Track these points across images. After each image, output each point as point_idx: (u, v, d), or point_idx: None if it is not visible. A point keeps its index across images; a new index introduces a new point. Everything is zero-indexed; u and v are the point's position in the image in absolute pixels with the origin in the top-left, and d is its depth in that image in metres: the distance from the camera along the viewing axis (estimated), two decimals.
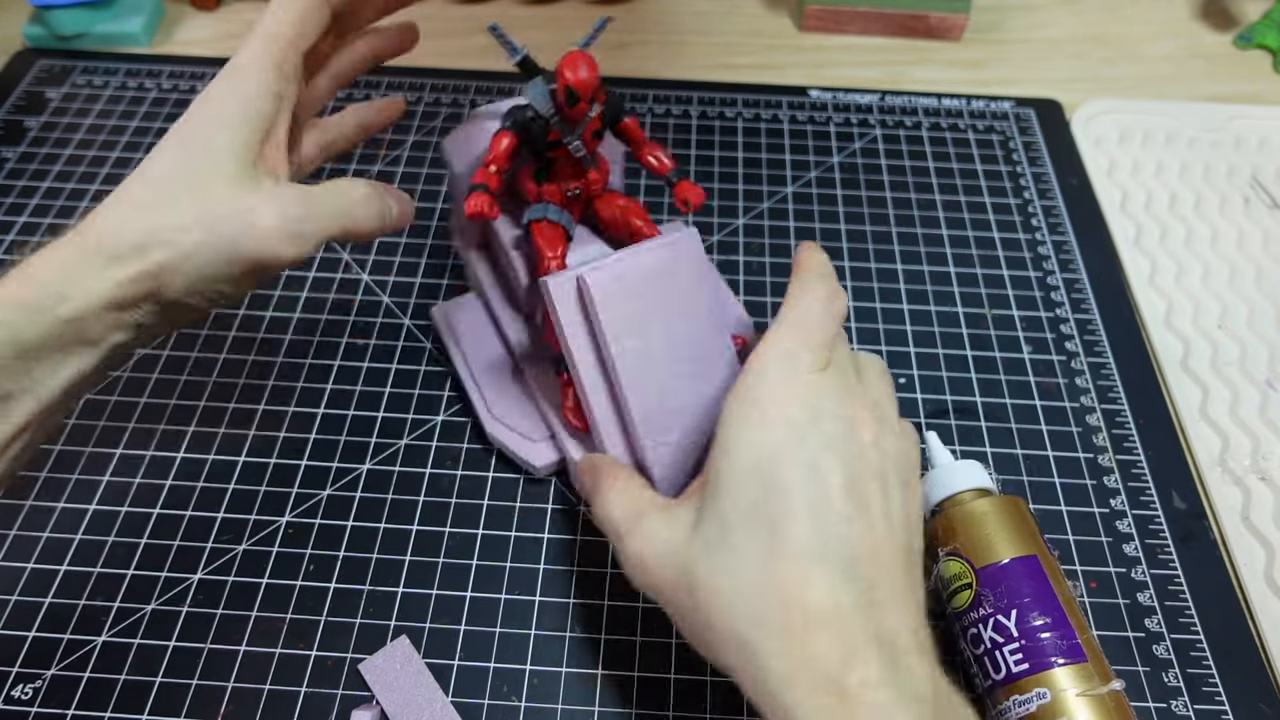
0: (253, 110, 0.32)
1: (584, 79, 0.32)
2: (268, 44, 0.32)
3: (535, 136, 0.35)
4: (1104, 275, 0.49)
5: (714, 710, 0.34)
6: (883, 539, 0.27)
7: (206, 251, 0.30)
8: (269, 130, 0.32)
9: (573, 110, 0.33)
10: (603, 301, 0.32)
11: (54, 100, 0.57)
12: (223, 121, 0.31)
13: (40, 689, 0.34)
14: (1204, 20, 0.66)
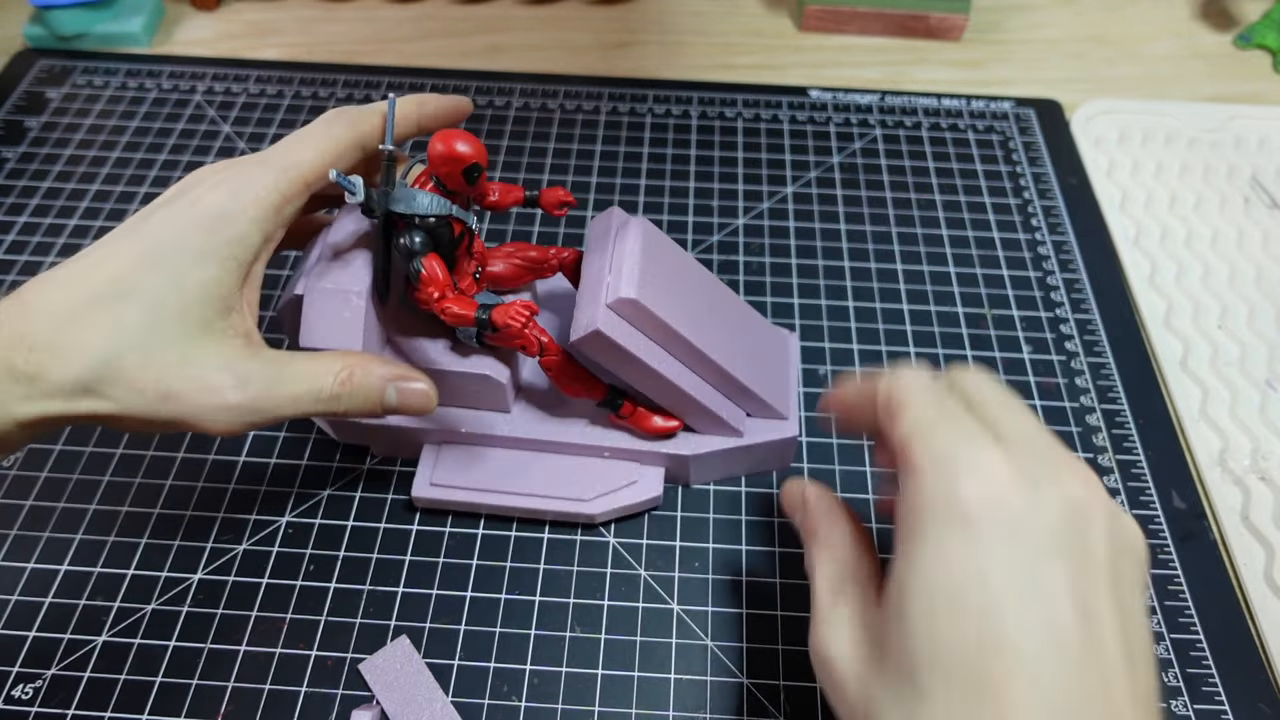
0: (239, 251, 0.29)
1: (477, 149, 0.31)
2: (280, 176, 0.30)
3: (443, 242, 0.33)
4: (1104, 275, 0.49)
5: (714, 710, 0.34)
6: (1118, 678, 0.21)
7: (150, 413, 0.28)
8: (247, 275, 0.30)
9: (473, 186, 0.32)
10: (654, 303, 0.33)
11: (54, 100, 0.57)
12: (201, 254, 0.28)
13: (40, 689, 0.34)
14: (1204, 20, 0.66)
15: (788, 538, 0.39)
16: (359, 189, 0.30)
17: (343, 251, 0.34)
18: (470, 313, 0.32)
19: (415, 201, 0.32)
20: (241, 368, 0.29)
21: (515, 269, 0.38)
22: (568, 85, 0.59)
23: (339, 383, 0.31)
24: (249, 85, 0.58)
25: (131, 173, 0.53)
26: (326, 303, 0.33)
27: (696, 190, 0.53)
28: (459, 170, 0.31)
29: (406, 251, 0.32)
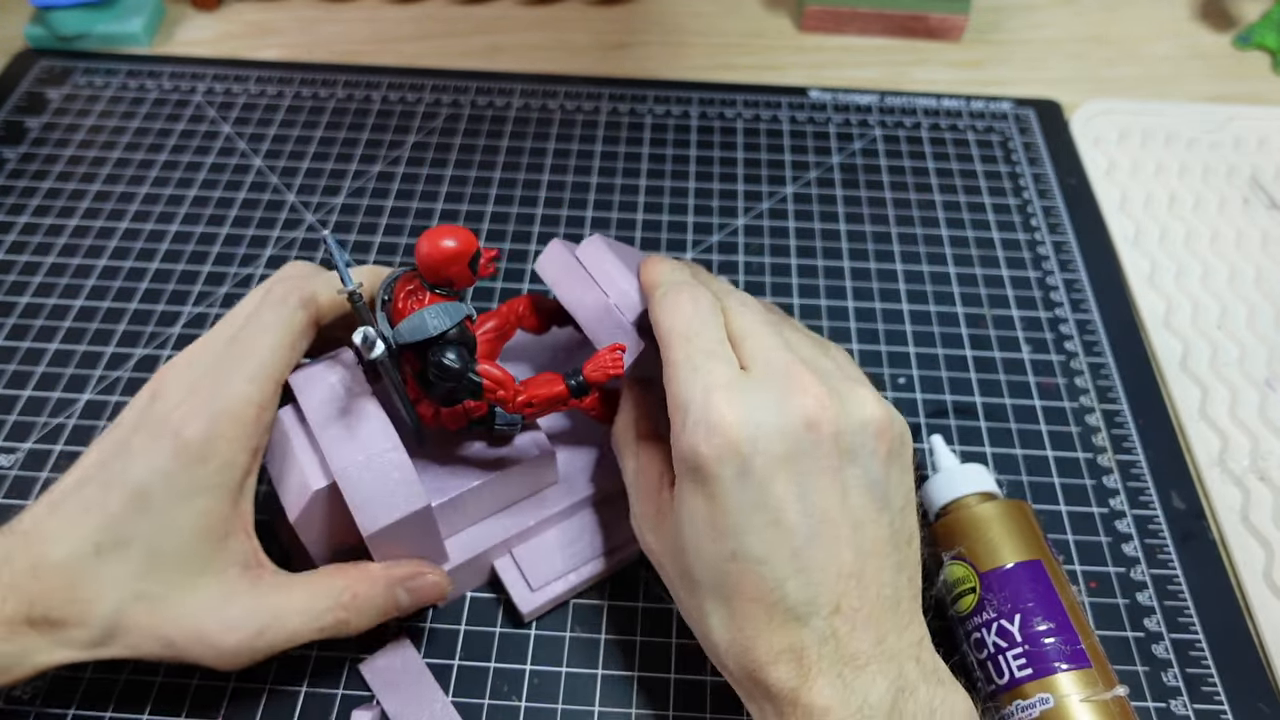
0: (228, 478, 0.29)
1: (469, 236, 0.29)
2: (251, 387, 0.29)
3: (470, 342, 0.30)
4: (1103, 275, 0.49)
5: (714, 710, 0.34)
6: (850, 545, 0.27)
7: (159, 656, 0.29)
8: (239, 494, 0.29)
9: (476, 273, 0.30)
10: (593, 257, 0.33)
11: (55, 101, 0.57)
12: (191, 490, 0.28)
13: (41, 688, 0.34)
14: (1203, 20, 0.66)
15: None
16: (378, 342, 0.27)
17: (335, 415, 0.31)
18: (561, 386, 0.31)
19: (426, 324, 0.28)
20: (235, 611, 0.29)
21: (489, 345, 0.35)
22: (568, 85, 0.59)
23: (340, 606, 0.30)
24: (249, 85, 0.58)
25: (132, 173, 0.53)
26: (364, 478, 0.30)
27: (696, 190, 0.53)
28: (465, 262, 0.29)
29: (455, 375, 0.28)
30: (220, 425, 0.28)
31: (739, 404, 0.27)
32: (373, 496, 0.30)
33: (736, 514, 0.26)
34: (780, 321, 0.31)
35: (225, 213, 0.51)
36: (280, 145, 0.55)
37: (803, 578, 0.26)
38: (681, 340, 0.28)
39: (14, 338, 0.45)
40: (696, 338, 0.28)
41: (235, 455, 0.29)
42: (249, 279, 0.48)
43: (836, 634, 0.26)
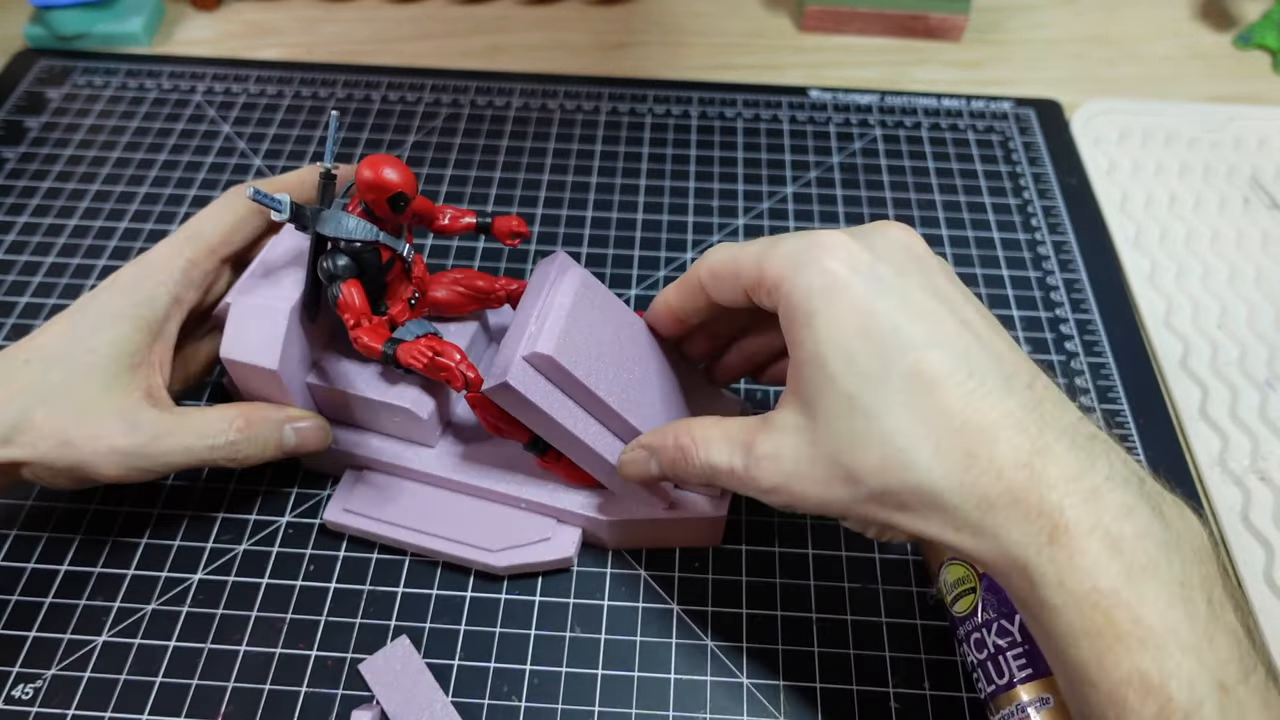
0: (146, 311, 0.33)
1: (404, 178, 0.30)
2: (184, 243, 0.34)
3: (369, 267, 0.32)
4: (1104, 275, 0.49)
5: (714, 710, 0.34)
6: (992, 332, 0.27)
7: (54, 458, 0.31)
8: (157, 333, 0.33)
9: (399, 215, 0.31)
10: (572, 361, 0.31)
11: (54, 100, 0.57)
12: (114, 316, 0.32)
13: (41, 689, 0.34)
14: (1204, 20, 0.66)
15: (788, 537, 0.39)
16: (285, 206, 0.31)
17: (276, 268, 0.34)
18: (378, 345, 0.32)
19: (341, 225, 0.31)
20: (135, 417, 0.32)
21: (459, 296, 0.37)
22: (568, 85, 0.59)
23: (235, 430, 0.33)
24: (249, 85, 0.58)
25: (132, 173, 0.53)
26: (251, 316, 0.33)
27: (696, 190, 0.53)
28: (384, 198, 0.31)
29: (328, 274, 0.32)
30: (148, 268, 0.33)
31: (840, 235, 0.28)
32: (241, 334, 0.33)
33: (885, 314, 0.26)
34: None
35: None
36: (280, 145, 0.55)
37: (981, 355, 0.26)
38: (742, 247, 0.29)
39: (14, 338, 0.45)
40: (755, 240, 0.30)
41: (155, 293, 0.33)
42: None
43: (1042, 404, 0.25)
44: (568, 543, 0.37)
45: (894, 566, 0.38)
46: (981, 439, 0.24)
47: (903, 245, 0.28)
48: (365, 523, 0.37)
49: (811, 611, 0.37)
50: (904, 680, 0.35)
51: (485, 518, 0.37)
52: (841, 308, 0.26)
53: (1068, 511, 0.23)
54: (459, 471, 0.37)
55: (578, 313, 0.33)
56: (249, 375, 0.34)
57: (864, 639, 0.36)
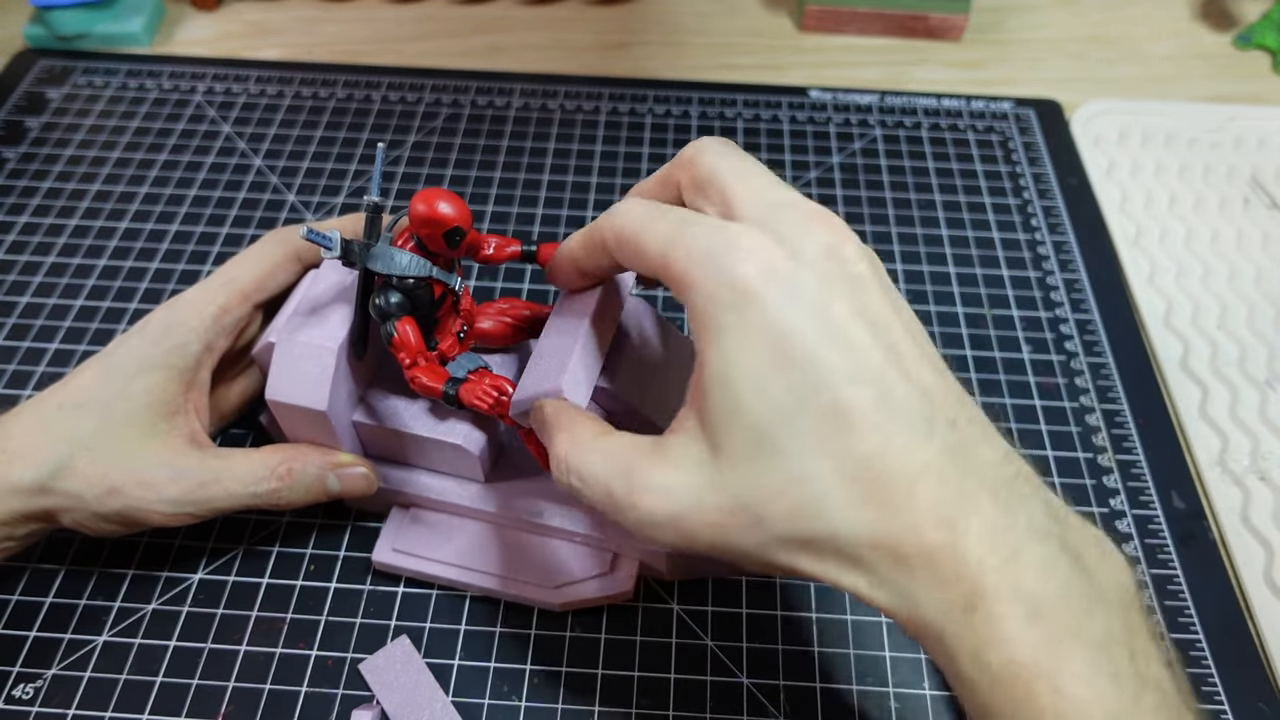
0: (177, 359, 0.33)
1: (460, 212, 0.29)
2: (217, 290, 0.34)
3: (421, 304, 0.31)
4: (1104, 275, 0.49)
5: (714, 710, 0.34)
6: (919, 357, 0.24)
7: (98, 506, 0.32)
8: (190, 381, 0.34)
9: (454, 249, 0.30)
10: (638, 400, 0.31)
11: (55, 101, 0.57)
12: (144, 364, 0.33)
13: (41, 689, 0.34)
14: (1204, 20, 0.66)
15: None
16: (335, 244, 0.29)
17: (321, 305, 0.33)
18: (439, 386, 0.31)
19: (394, 261, 0.30)
20: (180, 464, 0.32)
21: (505, 327, 0.36)
22: (568, 85, 0.59)
23: (277, 478, 0.33)
24: (249, 85, 0.58)
25: (132, 173, 0.53)
26: (297, 356, 0.32)
27: None
28: (439, 233, 0.29)
29: (381, 313, 0.31)
30: (179, 314, 0.33)
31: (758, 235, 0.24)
32: (287, 374, 0.32)
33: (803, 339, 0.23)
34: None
35: (225, 213, 0.51)
36: (280, 145, 0.55)
37: (905, 393, 0.23)
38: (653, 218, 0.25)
39: (14, 338, 0.45)
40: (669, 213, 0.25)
41: (188, 341, 0.33)
42: None
43: (965, 445, 0.23)
44: (626, 577, 0.36)
45: None
46: (900, 491, 0.22)
47: (829, 249, 0.24)
48: (417, 563, 0.36)
49: (812, 611, 0.37)
50: (904, 680, 0.35)
51: (540, 553, 0.36)
52: (755, 326, 0.23)
53: (987, 575, 0.21)
54: (511, 507, 0.36)
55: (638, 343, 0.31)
56: (295, 417, 0.33)
57: (864, 639, 0.36)
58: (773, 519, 0.23)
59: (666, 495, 0.24)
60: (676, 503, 0.24)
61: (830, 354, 0.23)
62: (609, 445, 0.26)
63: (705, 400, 0.24)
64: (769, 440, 0.23)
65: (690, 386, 0.25)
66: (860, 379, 0.23)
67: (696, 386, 0.24)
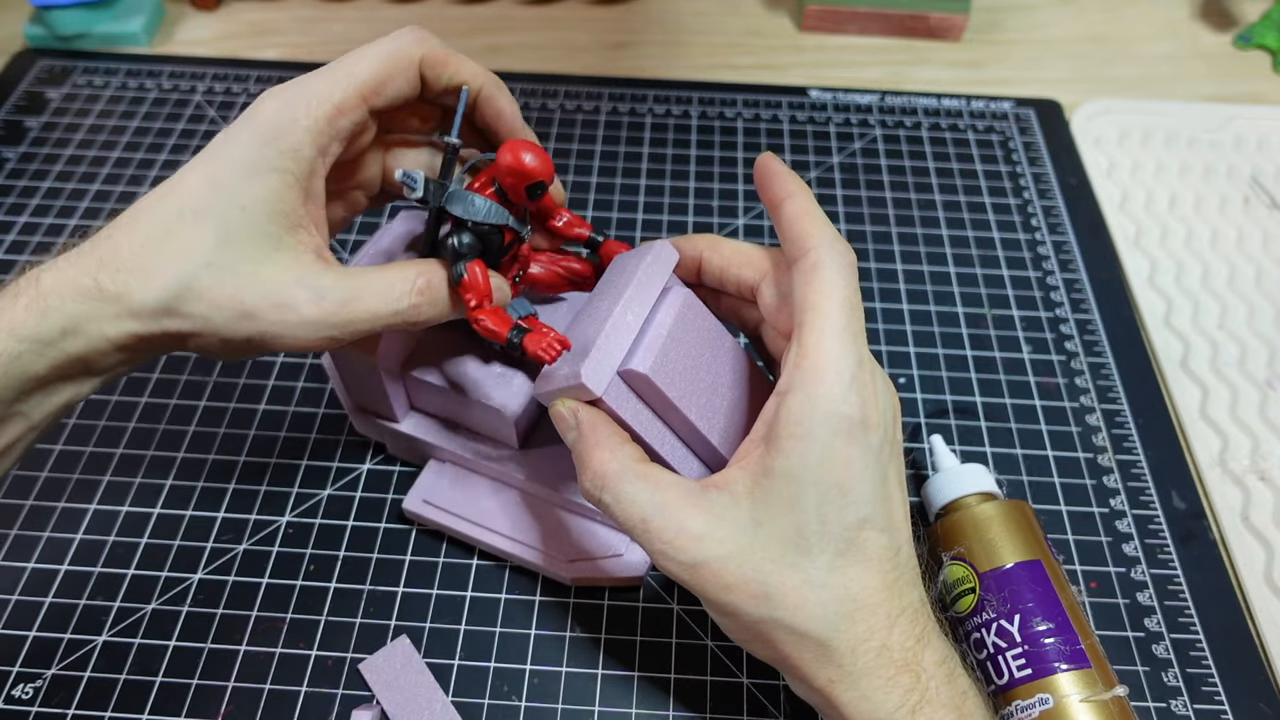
0: (291, 164, 0.29)
1: (545, 166, 0.30)
2: (332, 85, 0.29)
3: (491, 248, 0.32)
4: (1104, 275, 0.49)
5: (714, 710, 0.34)
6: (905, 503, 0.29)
7: (230, 331, 0.28)
8: (307, 191, 0.29)
9: (534, 200, 0.31)
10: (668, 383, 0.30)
11: (54, 100, 0.57)
12: (256, 167, 0.28)
13: (41, 688, 0.34)
14: (1204, 20, 0.66)
15: None
16: (419, 185, 0.30)
17: (391, 255, 0.35)
18: (504, 331, 0.31)
19: (473, 206, 0.31)
20: (316, 282, 0.29)
21: (554, 276, 0.36)
22: (568, 85, 0.59)
23: (416, 291, 0.30)
24: (249, 85, 0.58)
25: (132, 173, 0.53)
26: None
27: (696, 190, 0.53)
28: (524, 185, 0.30)
29: (453, 253, 0.31)
30: (293, 110, 0.29)
31: (878, 382, 0.28)
32: None
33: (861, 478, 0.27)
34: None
35: None
36: None
37: (907, 551, 0.28)
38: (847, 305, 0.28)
39: None
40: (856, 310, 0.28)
41: (303, 143, 0.29)
42: None
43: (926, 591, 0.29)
44: (639, 562, 0.36)
45: None
46: (887, 621, 0.27)
47: (895, 412, 0.29)
48: (442, 516, 0.38)
49: None
50: None
51: (560, 527, 0.37)
52: (836, 458, 0.27)
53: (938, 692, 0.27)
54: (539, 477, 0.37)
55: (678, 332, 0.31)
56: (349, 360, 0.35)
57: None
58: (780, 603, 0.27)
59: (697, 541, 0.27)
60: (703, 552, 0.27)
61: (873, 501, 0.27)
62: (653, 476, 0.28)
63: (768, 482, 0.27)
64: (805, 542, 0.27)
65: (751, 448, 0.28)
66: (887, 528, 0.28)
67: (766, 466, 0.27)
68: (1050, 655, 0.31)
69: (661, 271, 0.32)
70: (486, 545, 0.37)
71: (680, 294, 0.32)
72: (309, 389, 0.43)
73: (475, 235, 0.31)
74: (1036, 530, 0.35)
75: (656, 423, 0.31)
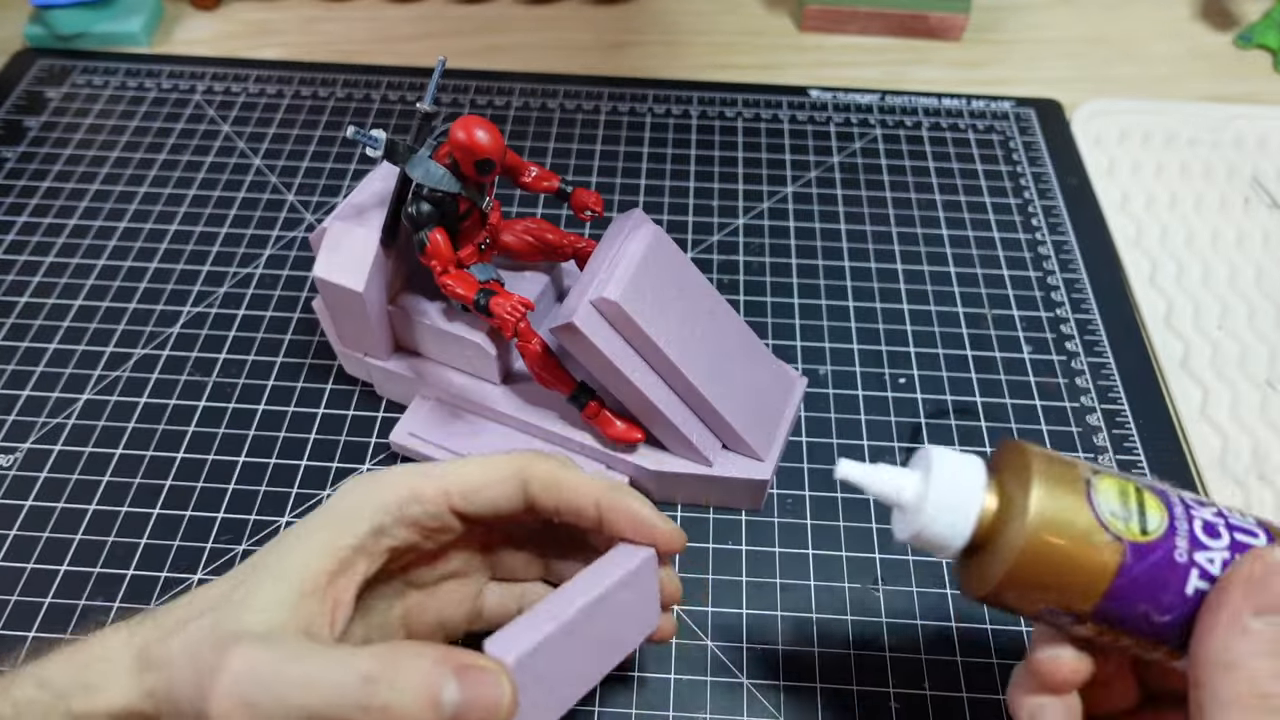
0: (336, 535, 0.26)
1: (494, 144, 0.32)
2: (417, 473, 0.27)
3: (449, 214, 0.34)
4: (1104, 275, 0.49)
5: (714, 710, 0.34)
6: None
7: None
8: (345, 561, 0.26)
9: (484, 177, 0.33)
10: (637, 310, 0.33)
11: (54, 100, 0.57)
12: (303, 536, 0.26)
13: None
14: (1204, 20, 0.66)
15: (788, 538, 0.39)
16: (380, 144, 0.32)
17: (366, 208, 0.37)
18: (470, 294, 0.33)
19: (429, 173, 0.32)
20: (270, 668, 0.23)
21: (527, 245, 0.38)
22: (568, 85, 0.59)
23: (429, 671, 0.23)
24: (249, 85, 0.58)
25: (131, 173, 0.53)
26: (344, 238, 0.36)
27: (696, 190, 0.53)
28: (471, 160, 0.32)
29: (414, 222, 0.33)
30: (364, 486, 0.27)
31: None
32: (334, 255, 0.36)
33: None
34: None
35: (224, 212, 0.51)
36: (280, 145, 0.55)
37: None
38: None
39: (13, 337, 0.45)
40: None
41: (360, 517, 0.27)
42: (248, 279, 0.48)
43: None
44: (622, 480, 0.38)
45: (895, 566, 0.38)
46: None
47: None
48: (426, 447, 0.39)
49: (812, 612, 0.37)
50: (904, 680, 0.35)
51: None
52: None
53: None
54: (520, 410, 0.39)
55: (648, 265, 0.34)
56: (338, 295, 0.37)
57: (864, 639, 0.36)
58: None
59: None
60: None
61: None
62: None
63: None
64: None
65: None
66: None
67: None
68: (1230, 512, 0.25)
69: None
70: None
71: (650, 229, 0.35)
72: (309, 389, 0.43)
73: (431, 203, 0.33)
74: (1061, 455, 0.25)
75: (630, 351, 0.34)
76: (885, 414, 0.43)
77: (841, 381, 0.44)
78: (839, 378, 0.44)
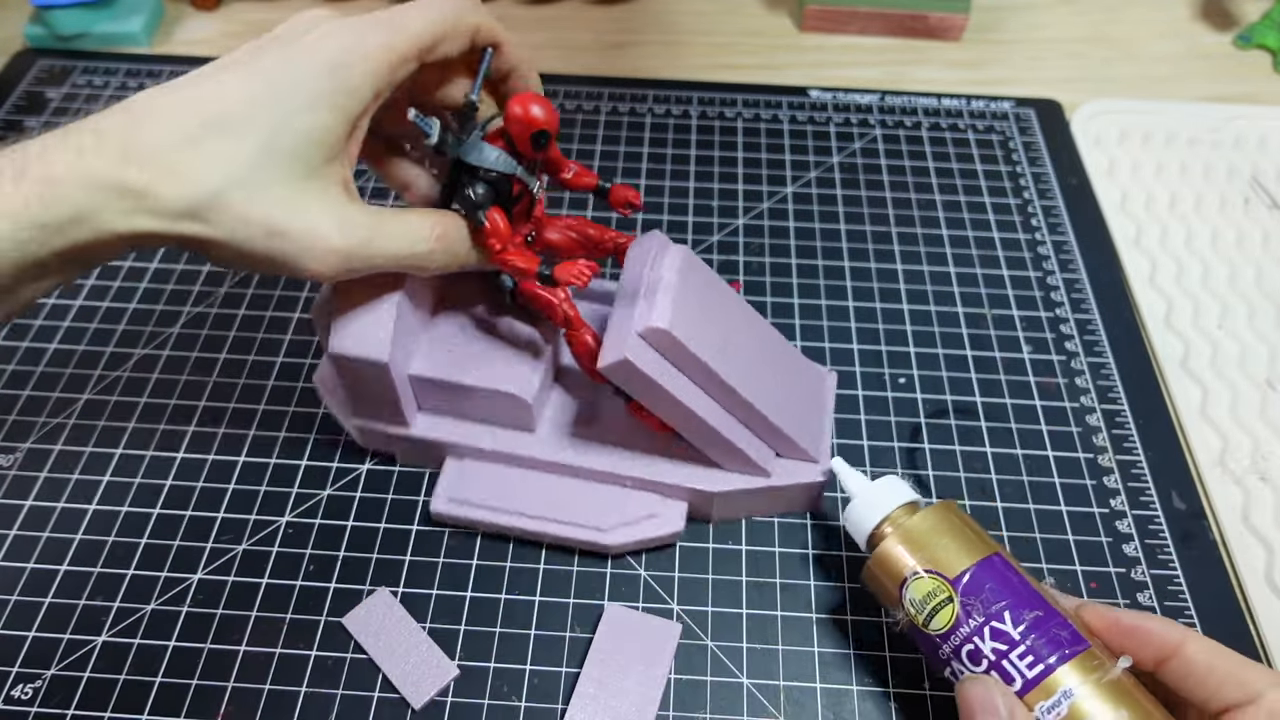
0: (348, 102, 0.29)
1: (550, 117, 0.32)
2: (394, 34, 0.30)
3: (501, 198, 0.34)
4: (1104, 275, 0.49)
5: (714, 710, 0.34)
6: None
7: (252, 246, 0.28)
8: (354, 125, 0.30)
9: (540, 151, 0.32)
10: (686, 335, 0.33)
11: (54, 100, 0.57)
12: (316, 99, 0.28)
13: (40, 689, 0.34)
14: (1204, 20, 0.66)
15: (787, 538, 0.39)
16: (435, 131, 0.31)
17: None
18: (532, 268, 0.33)
19: (483, 154, 0.32)
20: (344, 214, 0.30)
21: (570, 241, 0.38)
22: (568, 85, 0.59)
23: (435, 238, 0.32)
24: None
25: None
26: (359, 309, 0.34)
27: (696, 190, 0.53)
28: (528, 134, 0.32)
29: (471, 203, 0.33)
30: (356, 54, 0.29)
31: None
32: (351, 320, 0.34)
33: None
34: None
35: None
36: None
37: None
38: None
39: (13, 337, 0.45)
40: None
41: (362, 85, 0.29)
42: (249, 278, 0.48)
43: None
44: (675, 517, 0.37)
45: None
46: None
47: None
48: (473, 511, 0.38)
49: (812, 612, 0.37)
50: (904, 680, 0.35)
51: (591, 498, 0.38)
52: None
53: None
54: (562, 453, 0.38)
55: (685, 287, 0.34)
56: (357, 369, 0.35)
57: (864, 639, 0.36)
58: None
59: None
60: None
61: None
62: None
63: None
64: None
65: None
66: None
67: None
68: (1053, 644, 0.29)
69: None
70: (523, 531, 0.38)
71: (678, 251, 0.35)
72: (309, 389, 0.43)
73: (487, 184, 0.33)
74: (975, 524, 0.33)
75: (681, 378, 0.34)
76: (885, 414, 0.43)
77: (841, 381, 0.44)
78: (839, 378, 0.44)
